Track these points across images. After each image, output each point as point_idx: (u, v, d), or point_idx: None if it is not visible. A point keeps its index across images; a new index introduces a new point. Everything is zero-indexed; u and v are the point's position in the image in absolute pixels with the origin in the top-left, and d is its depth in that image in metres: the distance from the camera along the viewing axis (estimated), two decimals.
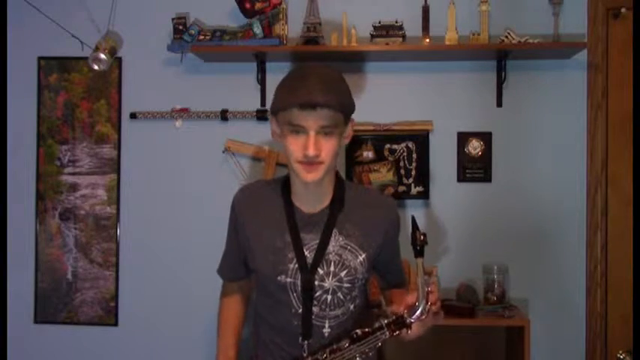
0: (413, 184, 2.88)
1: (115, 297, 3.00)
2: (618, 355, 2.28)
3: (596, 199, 2.84)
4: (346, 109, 1.64)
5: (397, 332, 1.57)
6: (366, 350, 1.60)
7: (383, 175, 2.88)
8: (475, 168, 2.88)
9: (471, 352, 2.86)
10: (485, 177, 2.88)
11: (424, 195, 2.87)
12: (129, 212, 3.01)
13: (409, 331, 1.57)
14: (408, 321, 1.56)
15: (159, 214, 2.99)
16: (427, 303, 1.55)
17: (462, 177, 2.89)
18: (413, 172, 2.88)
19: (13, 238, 2.90)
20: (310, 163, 1.62)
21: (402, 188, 2.87)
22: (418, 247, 1.56)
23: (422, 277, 1.55)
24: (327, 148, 1.62)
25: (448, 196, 2.90)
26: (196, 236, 2.93)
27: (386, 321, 1.58)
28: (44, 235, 3.02)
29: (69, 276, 3.01)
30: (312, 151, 1.59)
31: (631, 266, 1.89)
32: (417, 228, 1.57)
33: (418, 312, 1.55)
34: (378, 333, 1.58)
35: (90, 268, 3.01)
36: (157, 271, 2.98)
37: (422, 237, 1.55)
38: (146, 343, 2.98)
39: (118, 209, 3.00)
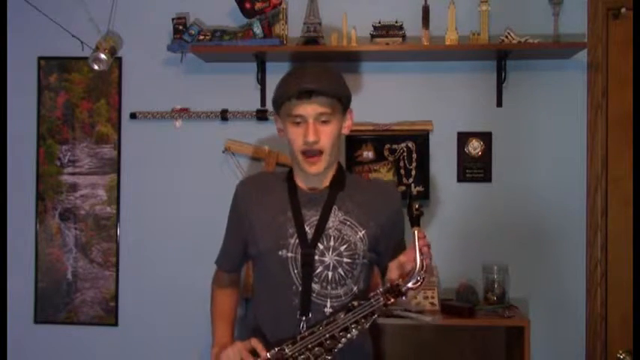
0: (413, 184, 2.88)
1: (115, 297, 3.00)
2: (618, 355, 2.28)
3: (596, 199, 2.84)
4: (342, 96, 1.73)
5: (392, 300, 1.61)
6: (361, 319, 1.62)
7: (383, 175, 2.88)
8: (475, 168, 2.88)
9: (471, 352, 2.85)
10: (486, 177, 2.88)
11: (424, 195, 2.87)
12: (129, 212, 3.01)
13: (404, 298, 1.61)
14: (403, 289, 1.59)
15: (159, 214, 2.99)
16: (422, 270, 1.58)
17: (462, 177, 2.89)
18: (413, 172, 2.88)
19: (13, 238, 2.90)
20: (312, 152, 1.70)
21: (401, 188, 2.87)
22: (414, 216, 1.61)
23: (417, 245, 1.59)
24: (326, 135, 1.71)
25: (448, 196, 2.90)
26: (196, 236, 2.92)
27: (381, 289, 1.62)
28: (44, 235, 3.02)
29: (69, 276, 3.01)
30: (312, 136, 1.68)
31: (631, 266, 1.89)
32: (413, 199, 1.64)
33: (413, 280, 1.58)
34: (373, 300, 1.62)
35: (90, 268, 3.01)
36: (157, 271, 2.98)
37: (417, 206, 1.61)
38: (146, 343, 2.98)
39: (118, 209, 3.00)
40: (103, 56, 2.84)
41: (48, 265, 3.02)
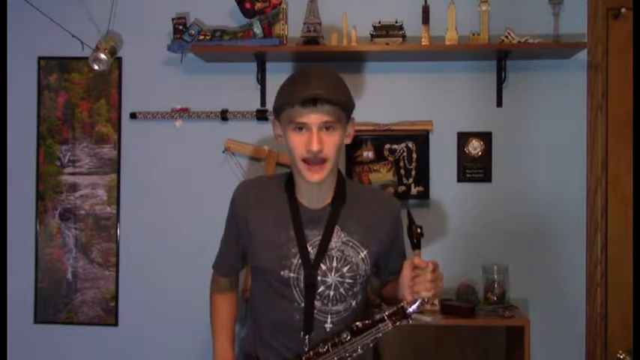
0: (413, 184, 2.88)
1: (115, 297, 3.00)
2: (618, 355, 2.27)
3: (596, 199, 2.84)
4: (346, 105, 1.68)
5: (398, 323, 1.61)
6: (368, 342, 1.63)
7: (383, 175, 2.88)
8: (475, 168, 2.88)
9: (471, 352, 2.85)
10: (486, 177, 2.88)
11: (424, 195, 2.87)
12: (129, 212, 3.01)
13: (410, 321, 1.62)
14: (408, 311, 1.60)
15: (159, 214, 2.99)
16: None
17: (462, 177, 2.89)
18: (413, 172, 2.88)
19: (13, 238, 2.90)
20: (314, 161, 1.64)
21: (402, 188, 2.87)
22: (415, 240, 1.60)
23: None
24: (330, 144, 1.64)
25: (448, 196, 2.90)
26: (196, 236, 2.92)
27: (387, 312, 1.62)
28: (44, 235, 3.02)
29: (69, 276, 3.01)
30: (316, 146, 1.61)
31: (631, 266, 1.89)
32: (414, 222, 1.62)
33: (418, 303, 1.59)
34: (380, 325, 1.62)
35: (90, 268, 3.01)
36: (157, 271, 2.98)
37: (418, 230, 1.59)
38: (146, 343, 2.98)
39: (118, 209, 3.00)
40: (103, 56, 2.84)
41: (48, 265, 3.02)
